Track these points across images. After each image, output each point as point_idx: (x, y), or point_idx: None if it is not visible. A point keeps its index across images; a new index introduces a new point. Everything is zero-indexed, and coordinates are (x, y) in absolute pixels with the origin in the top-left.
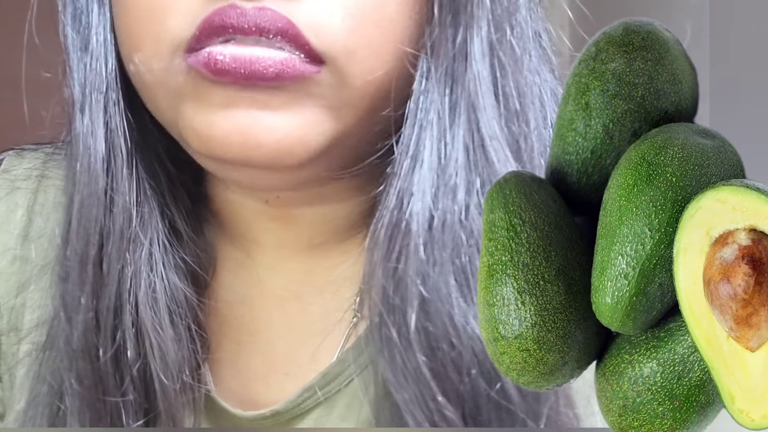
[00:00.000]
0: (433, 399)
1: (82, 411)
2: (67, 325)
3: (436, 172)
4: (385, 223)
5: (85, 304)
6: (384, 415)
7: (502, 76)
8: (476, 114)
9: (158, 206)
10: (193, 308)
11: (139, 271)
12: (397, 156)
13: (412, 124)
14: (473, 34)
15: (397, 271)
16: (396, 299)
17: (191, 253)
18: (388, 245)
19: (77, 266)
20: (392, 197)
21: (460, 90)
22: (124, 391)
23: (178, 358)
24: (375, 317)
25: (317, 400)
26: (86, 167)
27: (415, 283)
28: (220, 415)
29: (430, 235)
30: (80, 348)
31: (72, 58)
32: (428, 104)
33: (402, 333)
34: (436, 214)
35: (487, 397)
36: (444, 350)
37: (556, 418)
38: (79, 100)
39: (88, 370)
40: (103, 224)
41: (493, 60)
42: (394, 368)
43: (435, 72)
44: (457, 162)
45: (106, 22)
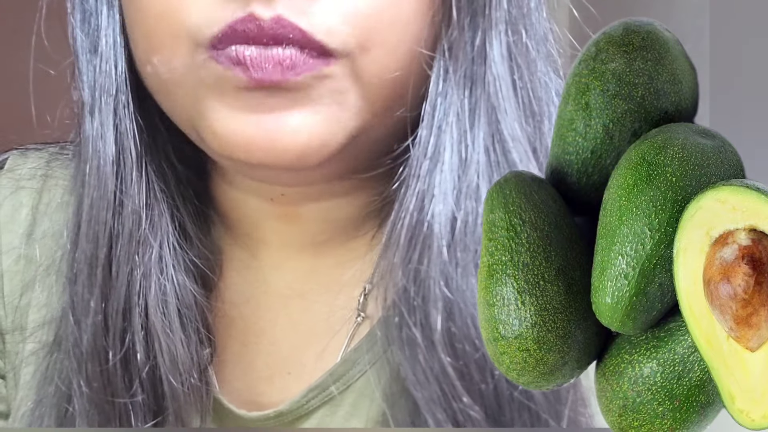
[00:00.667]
0: (457, 399)
1: (90, 413)
2: (76, 328)
3: (457, 173)
4: (405, 224)
5: (94, 306)
6: (400, 414)
7: (519, 77)
8: (497, 116)
9: (168, 208)
10: (201, 310)
11: (149, 274)
12: (414, 157)
13: (430, 125)
14: (492, 37)
15: (420, 272)
16: (418, 300)
17: (200, 254)
18: (408, 246)
19: (86, 269)
20: (411, 198)
21: (479, 92)
22: (133, 393)
23: (187, 360)
24: (394, 317)
25: (322, 400)
26: (96, 170)
27: (439, 285)
28: (224, 416)
29: (453, 237)
30: (89, 351)
31: (81, 61)
32: (447, 106)
33: (425, 333)
34: (458, 215)
35: (510, 398)
36: (467, 351)
37: (575, 418)
38: (89, 103)
39: (96, 373)
40: (113, 227)
41: (511, 62)
42: (415, 367)
43: (453, 74)
44: (479, 164)
45: (116, 24)
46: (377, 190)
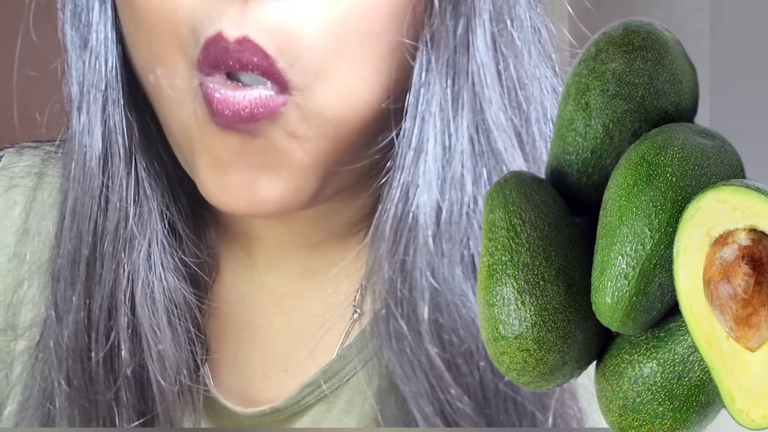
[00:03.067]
0: (445, 391)
1: (71, 413)
2: (58, 325)
3: (441, 163)
4: (390, 216)
5: (76, 303)
6: (389, 410)
7: (504, 68)
8: (482, 105)
9: (158, 206)
10: (192, 309)
11: (136, 272)
12: (399, 149)
13: (413, 116)
14: (475, 26)
15: (406, 263)
16: (405, 291)
17: (191, 254)
18: (394, 238)
19: (69, 265)
20: (396, 190)
21: (462, 81)
22: (117, 392)
23: (177, 360)
24: (381, 310)
25: (317, 397)
26: (81, 165)
27: (425, 275)
28: (219, 414)
29: (438, 227)
30: (71, 348)
31: (71, 56)
32: (429, 96)
33: (412, 325)
34: (443, 205)
35: (496, 390)
36: (454, 342)
37: (562, 410)
38: (77, 98)
39: (78, 371)
40: (98, 223)
41: (495, 52)
42: (402, 360)
43: (435, 63)
44: (463, 153)
45: (107, 20)
46: (370, 188)
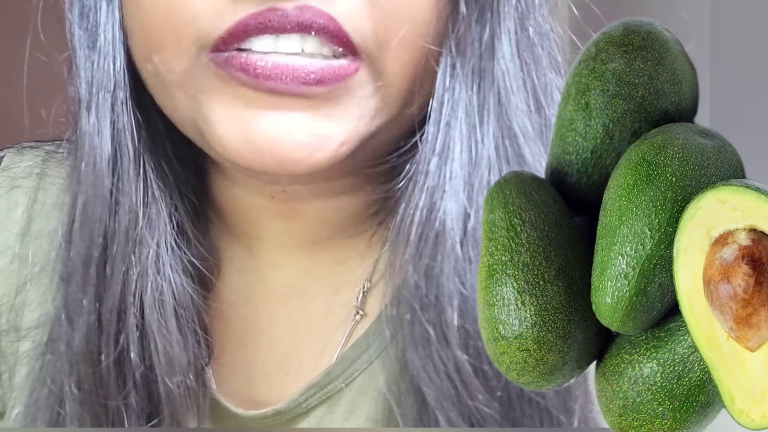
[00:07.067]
0: (473, 397)
1: (82, 416)
2: (69, 328)
3: (467, 169)
4: (415, 220)
5: (87, 306)
6: (405, 412)
7: (527, 73)
8: (508, 111)
9: (166, 207)
10: (199, 311)
11: (145, 273)
12: (422, 153)
13: (437, 121)
14: (501, 32)
15: (432, 268)
16: (431, 296)
17: (198, 254)
18: (418, 243)
19: (80, 267)
20: (420, 195)
21: (487, 88)
22: (126, 395)
23: (184, 361)
24: (405, 314)
25: (320, 399)
26: (92, 167)
27: (453, 281)
28: (222, 415)
29: (465, 234)
30: (81, 351)
31: (79, 56)
32: (455, 102)
33: (438, 330)
34: (471, 212)
35: (521, 394)
36: (481, 347)
37: (586, 414)
38: (86, 99)
39: (89, 374)
40: (108, 225)
41: (519, 58)
42: (428, 365)
43: (461, 70)
44: (489, 159)
45: (115, 20)
46: (379, 188)
